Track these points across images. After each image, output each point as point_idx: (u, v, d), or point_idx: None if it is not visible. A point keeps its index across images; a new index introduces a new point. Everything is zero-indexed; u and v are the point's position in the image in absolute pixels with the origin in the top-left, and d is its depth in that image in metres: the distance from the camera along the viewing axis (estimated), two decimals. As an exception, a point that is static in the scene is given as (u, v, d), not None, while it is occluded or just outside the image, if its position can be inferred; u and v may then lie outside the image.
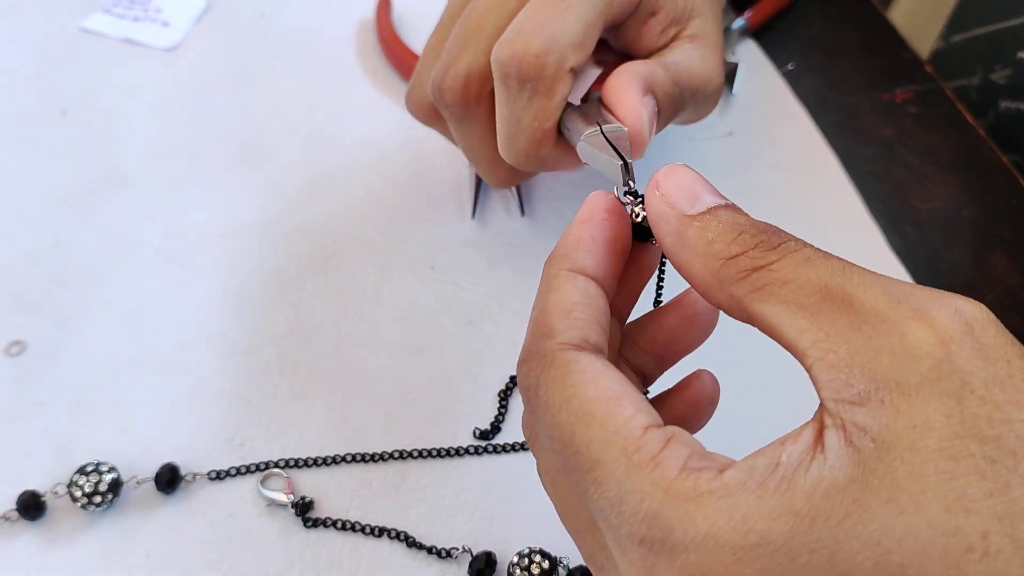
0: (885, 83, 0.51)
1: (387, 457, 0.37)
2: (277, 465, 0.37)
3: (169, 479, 0.35)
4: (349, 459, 0.37)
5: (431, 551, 0.34)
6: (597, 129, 0.30)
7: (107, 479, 0.35)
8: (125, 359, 0.40)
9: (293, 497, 0.35)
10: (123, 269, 0.43)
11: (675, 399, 0.29)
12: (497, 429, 0.38)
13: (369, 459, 0.37)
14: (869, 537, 0.18)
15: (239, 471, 0.36)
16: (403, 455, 0.37)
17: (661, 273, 0.29)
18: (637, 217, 0.27)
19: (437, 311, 0.41)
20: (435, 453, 0.37)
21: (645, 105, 0.32)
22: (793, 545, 0.19)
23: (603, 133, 0.29)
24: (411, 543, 0.35)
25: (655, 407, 0.23)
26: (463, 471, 0.37)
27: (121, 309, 0.41)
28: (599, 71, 0.37)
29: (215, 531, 0.35)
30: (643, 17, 0.35)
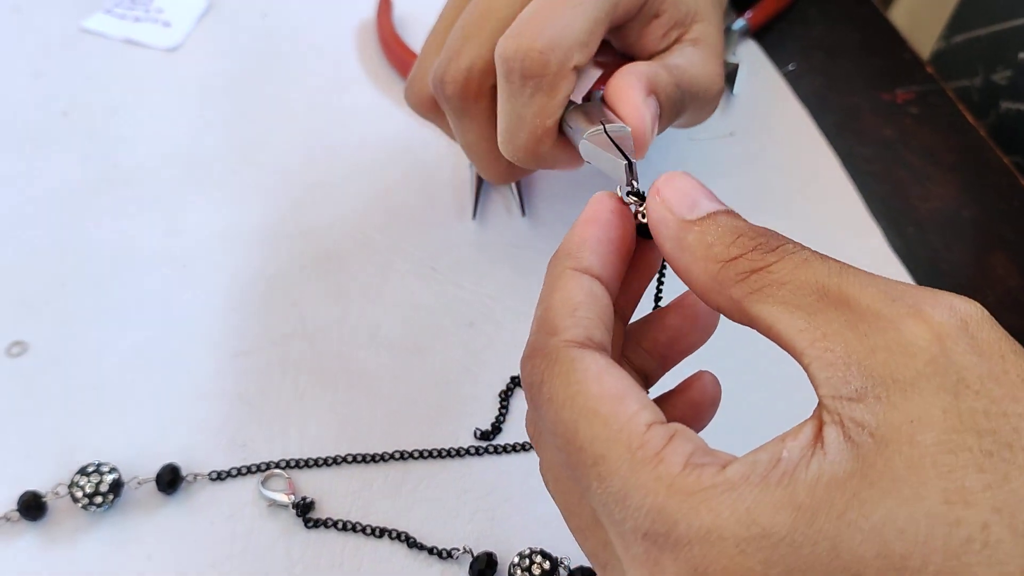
0: (886, 83, 0.51)
1: (388, 458, 0.37)
2: (278, 466, 0.37)
3: (170, 479, 0.35)
4: (350, 460, 0.37)
5: (432, 552, 0.34)
6: (601, 128, 0.30)
7: (108, 479, 0.35)
8: (126, 359, 0.40)
9: (294, 498, 0.35)
10: (125, 270, 0.43)
11: (677, 399, 0.29)
12: (498, 430, 0.38)
13: (370, 460, 0.37)
14: (871, 528, 0.19)
15: (240, 472, 0.36)
16: (404, 456, 0.37)
17: (662, 274, 0.29)
18: (642, 217, 0.27)
19: (438, 312, 0.41)
20: (436, 454, 0.37)
21: (648, 106, 0.32)
22: (796, 537, 0.19)
23: (607, 132, 0.29)
24: (412, 544, 0.35)
25: (657, 407, 0.23)
26: (464, 472, 0.37)
27: (123, 310, 0.41)
28: (599, 72, 0.37)
29: (216, 531, 0.35)
30: (647, 19, 0.35)
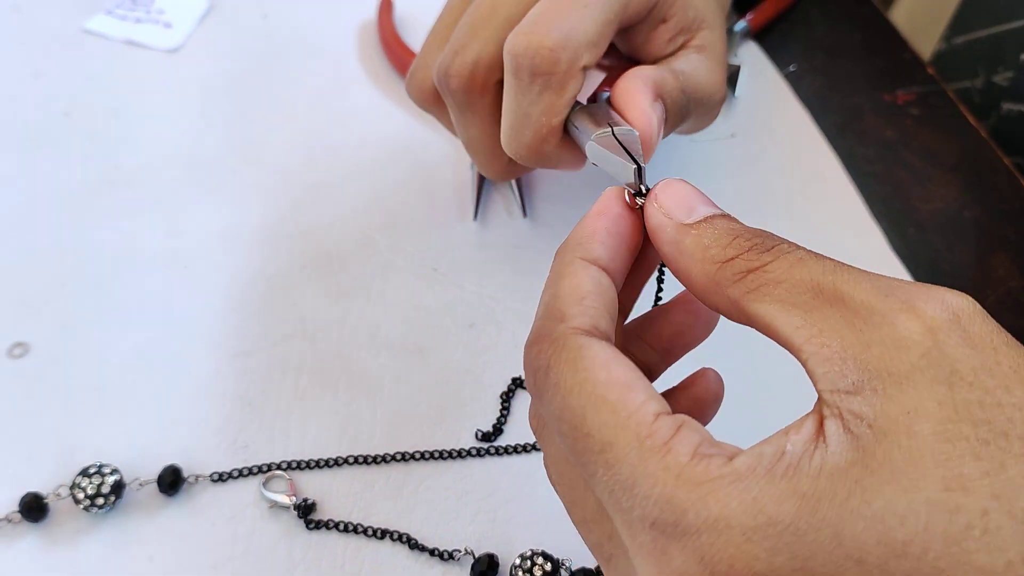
0: (887, 84, 0.51)
1: (389, 459, 0.37)
2: (279, 467, 0.37)
3: (172, 481, 0.35)
4: (351, 461, 0.37)
5: (433, 553, 0.34)
6: (609, 130, 0.30)
7: (110, 481, 0.35)
8: (128, 360, 0.40)
9: (295, 499, 0.35)
10: (126, 271, 0.43)
11: (681, 396, 0.29)
12: (499, 431, 0.38)
13: (371, 461, 0.37)
14: (872, 515, 0.19)
15: (241, 473, 0.36)
16: (405, 457, 0.37)
17: (661, 273, 0.29)
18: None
19: (439, 313, 0.41)
20: (437, 455, 0.37)
21: (655, 110, 0.32)
22: (800, 525, 0.19)
23: (615, 135, 0.29)
24: (413, 545, 0.35)
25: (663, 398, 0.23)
26: (465, 473, 0.37)
27: (124, 311, 0.41)
28: (604, 74, 0.37)
29: (217, 533, 0.35)
30: (654, 23, 0.35)
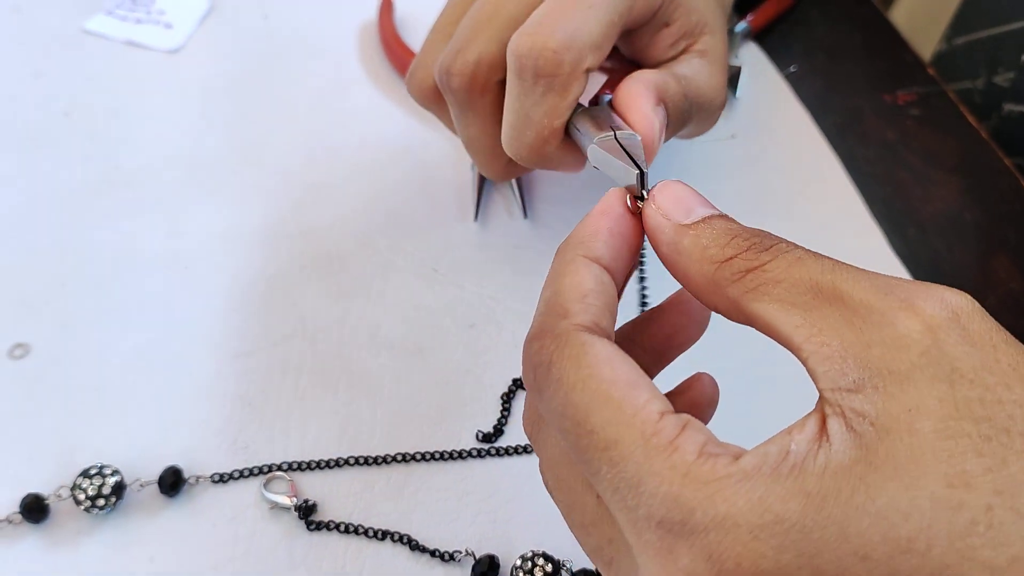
0: (887, 85, 0.51)
1: (390, 460, 0.37)
2: (280, 468, 0.37)
3: (172, 482, 0.35)
4: (352, 462, 0.37)
5: (434, 554, 0.34)
6: (611, 134, 0.30)
7: (110, 482, 0.35)
8: (128, 361, 0.40)
9: (296, 500, 0.35)
10: (126, 271, 0.43)
11: (676, 400, 0.29)
12: (500, 432, 0.38)
13: (372, 462, 0.37)
14: (877, 512, 0.19)
15: (242, 474, 0.36)
16: (406, 458, 0.37)
17: (642, 274, 0.29)
18: None
19: (440, 313, 0.41)
20: (438, 456, 0.37)
21: (657, 114, 0.32)
22: (806, 523, 0.20)
23: (617, 139, 0.29)
24: (414, 546, 0.35)
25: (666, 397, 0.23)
26: (466, 474, 0.37)
27: (125, 312, 0.41)
28: (605, 76, 0.37)
29: (218, 534, 0.35)
30: (657, 26, 0.35)
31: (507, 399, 0.39)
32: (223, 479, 0.36)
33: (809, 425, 0.21)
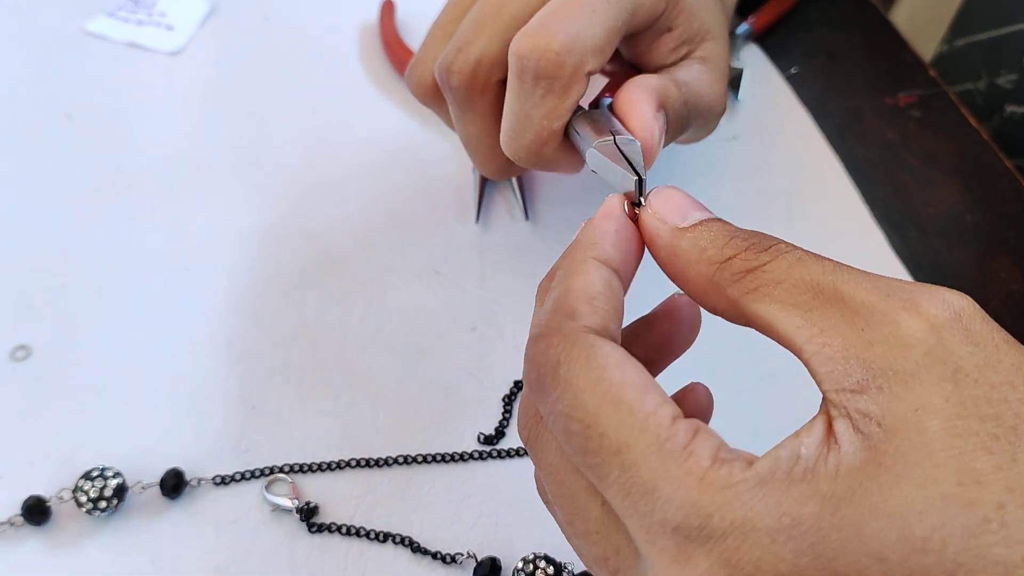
0: (888, 86, 0.51)
1: (391, 462, 0.37)
2: (282, 470, 0.37)
3: (174, 484, 0.35)
4: (353, 464, 0.37)
5: (435, 556, 0.34)
6: (611, 139, 0.30)
7: (112, 484, 0.35)
8: (130, 364, 0.40)
9: (298, 502, 0.35)
10: (128, 273, 0.43)
11: None
12: (501, 434, 0.38)
13: (373, 464, 0.37)
14: (891, 512, 0.19)
15: (244, 476, 0.36)
16: (407, 460, 0.37)
17: None
18: None
19: (441, 315, 0.41)
20: (439, 458, 0.37)
21: (657, 120, 0.32)
22: (823, 525, 0.20)
23: (617, 144, 0.29)
24: (415, 548, 0.35)
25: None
26: (467, 476, 0.37)
27: (126, 313, 0.41)
28: (606, 79, 0.37)
29: (220, 536, 0.35)
30: (660, 31, 0.35)
31: (508, 401, 0.39)
32: (225, 481, 0.36)
33: (816, 428, 0.21)
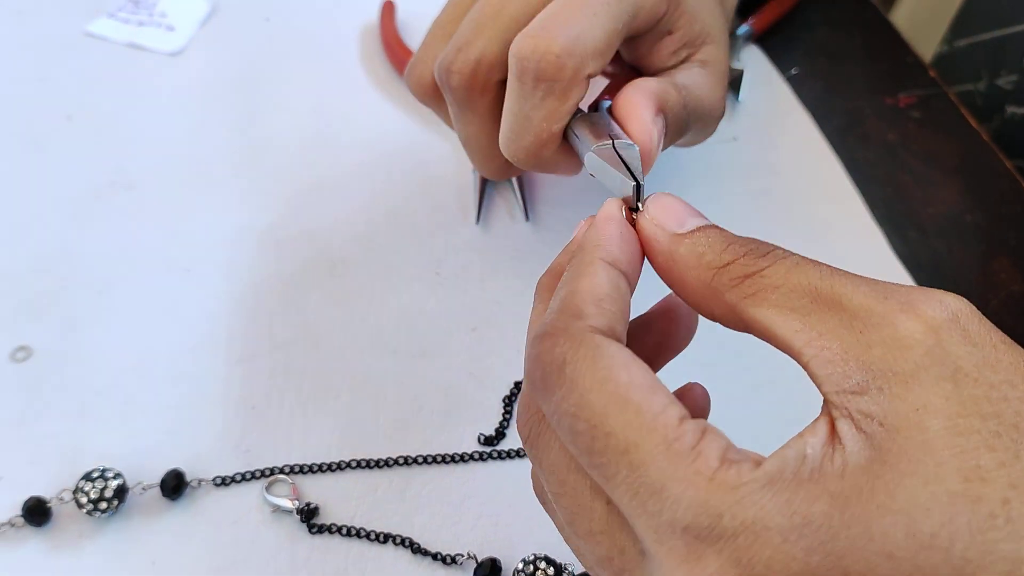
0: (888, 87, 0.51)
1: (392, 463, 0.37)
2: (282, 471, 0.37)
3: (175, 485, 0.36)
4: (354, 465, 0.37)
5: (436, 557, 0.34)
6: (609, 143, 0.29)
7: (113, 485, 0.35)
8: (130, 365, 0.40)
9: (298, 503, 0.35)
10: (129, 274, 0.43)
11: None
12: (502, 435, 0.38)
13: (374, 465, 0.37)
14: (898, 509, 0.19)
15: (244, 477, 0.36)
16: (408, 461, 0.37)
17: None
18: None
19: (442, 317, 0.41)
20: (440, 459, 0.37)
21: (656, 124, 0.32)
22: (832, 523, 0.20)
23: (615, 148, 0.29)
24: (416, 549, 0.35)
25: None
26: (468, 477, 0.37)
27: (127, 315, 0.41)
28: (606, 81, 0.37)
29: (220, 537, 0.35)
30: (660, 34, 0.35)
31: (509, 402, 0.39)
32: (225, 482, 0.36)
33: (819, 429, 0.21)
